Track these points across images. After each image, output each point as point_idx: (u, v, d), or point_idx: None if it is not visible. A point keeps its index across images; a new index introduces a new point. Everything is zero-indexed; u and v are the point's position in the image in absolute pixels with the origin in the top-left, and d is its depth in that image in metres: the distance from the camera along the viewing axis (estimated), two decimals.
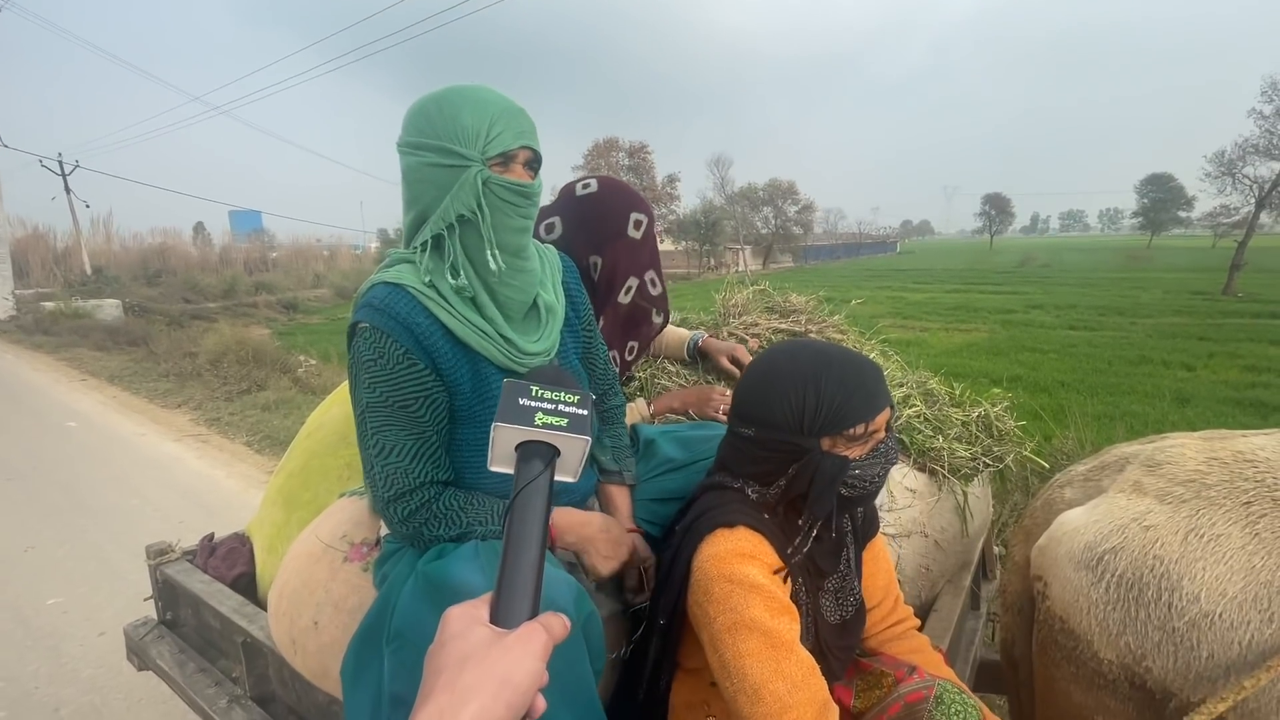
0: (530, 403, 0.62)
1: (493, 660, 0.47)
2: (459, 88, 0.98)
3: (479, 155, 0.93)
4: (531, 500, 0.57)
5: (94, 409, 6.82)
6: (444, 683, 0.46)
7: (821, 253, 52.50)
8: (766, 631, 0.80)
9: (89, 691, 2.47)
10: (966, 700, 0.88)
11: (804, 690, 0.78)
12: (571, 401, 0.63)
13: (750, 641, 0.80)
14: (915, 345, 10.83)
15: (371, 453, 0.96)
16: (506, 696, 0.46)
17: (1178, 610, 0.79)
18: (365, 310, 0.96)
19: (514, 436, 0.61)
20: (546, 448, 0.61)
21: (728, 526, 0.89)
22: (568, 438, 0.61)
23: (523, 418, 0.61)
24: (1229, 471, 0.86)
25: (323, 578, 1.10)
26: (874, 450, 0.90)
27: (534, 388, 0.62)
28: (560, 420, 0.61)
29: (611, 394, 1.25)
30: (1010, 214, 78.65)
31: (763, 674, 0.79)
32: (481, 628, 0.50)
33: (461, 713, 0.44)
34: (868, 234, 78.68)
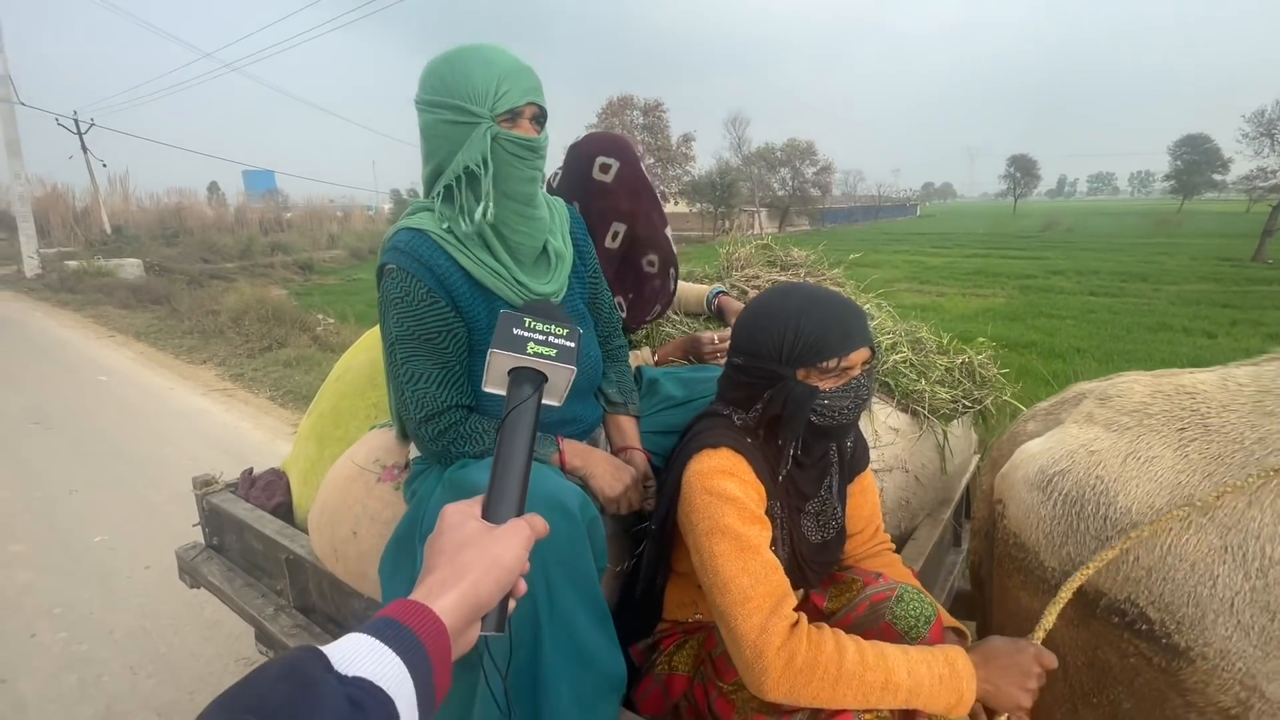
0: (523, 333, 0.69)
1: (485, 545, 0.57)
2: (471, 47, 1.05)
3: (488, 112, 1.01)
4: (520, 419, 0.66)
5: (123, 364, 7.05)
6: (444, 560, 0.55)
7: (839, 215, 51.51)
8: (736, 536, 0.92)
9: (139, 617, 2.68)
10: (924, 599, 1.00)
11: (764, 584, 0.90)
12: (561, 334, 0.70)
13: (723, 544, 0.92)
14: (931, 310, 10.75)
15: (403, 379, 1.08)
16: (496, 574, 0.55)
17: (1112, 522, 0.89)
18: (392, 253, 1.06)
19: (507, 362, 0.68)
20: (535, 374, 0.69)
21: (712, 447, 1.00)
22: (555, 366, 0.69)
23: (515, 346, 0.68)
24: (1170, 403, 0.94)
25: (359, 494, 1.23)
26: (845, 385, 0.99)
27: (527, 319, 0.70)
28: (550, 350, 0.69)
29: (615, 335, 1.35)
30: (1036, 176, 76.25)
31: (731, 570, 0.91)
32: (474, 521, 0.60)
33: (460, 582, 0.53)
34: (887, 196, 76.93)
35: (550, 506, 0.91)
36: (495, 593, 0.55)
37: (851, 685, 0.84)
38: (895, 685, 0.85)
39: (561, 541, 0.92)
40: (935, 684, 0.85)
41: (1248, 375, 0.94)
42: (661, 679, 1.08)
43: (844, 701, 0.85)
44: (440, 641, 0.49)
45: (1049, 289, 14.11)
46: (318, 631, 1.42)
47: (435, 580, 0.54)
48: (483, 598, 0.54)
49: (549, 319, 0.71)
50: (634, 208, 1.48)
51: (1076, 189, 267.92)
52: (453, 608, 0.51)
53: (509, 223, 1.08)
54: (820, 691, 0.85)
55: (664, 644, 1.12)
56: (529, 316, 0.71)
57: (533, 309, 0.73)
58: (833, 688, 0.85)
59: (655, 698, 1.08)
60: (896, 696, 0.85)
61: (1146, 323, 10.41)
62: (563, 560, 0.92)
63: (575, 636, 0.92)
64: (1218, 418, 0.89)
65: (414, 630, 0.48)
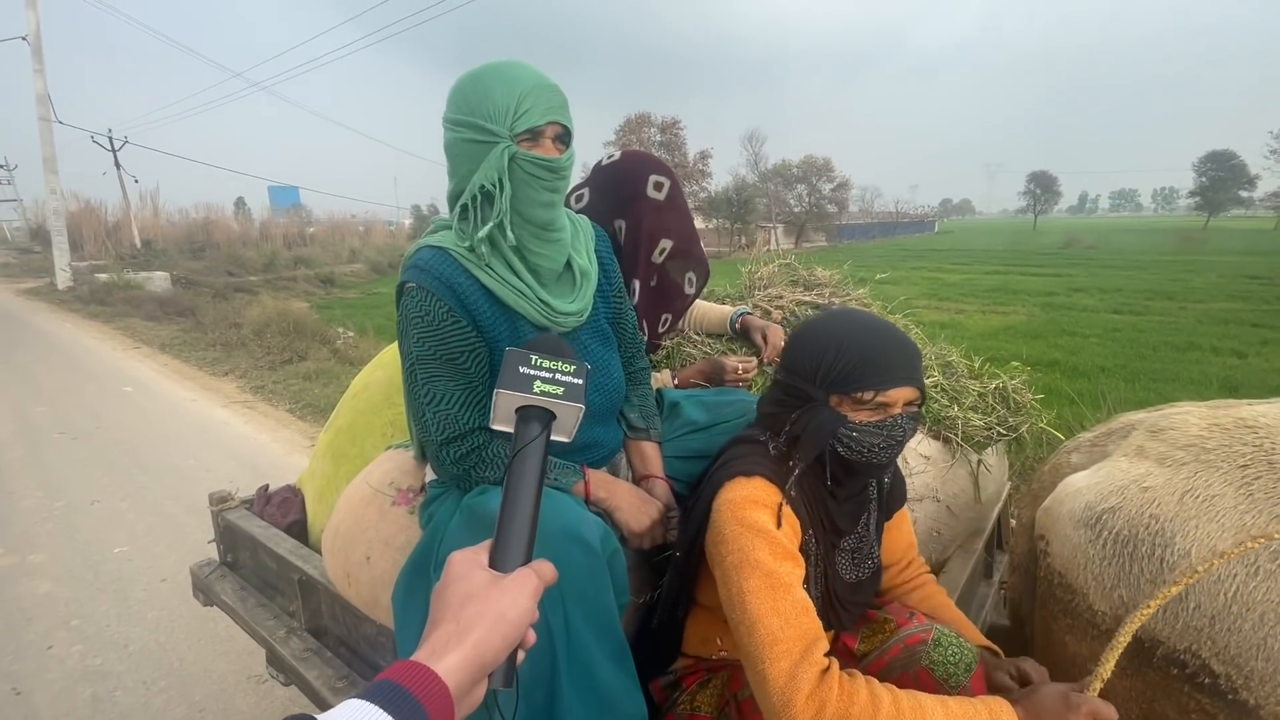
0: (530, 371, 0.67)
1: (491, 599, 0.54)
2: (495, 65, 1.04)
3: (507, 131, 0.99)
4: (528, 460, 0.64)
5: (148, 375, 7.17)
6: (450, 615, 0.53)
7: (856, 232, 51.32)
8: (768, 572, 0.87)
9: (154, 631, 2.68)
10: (963, 643, 0.94)
11: (794, 627, 0.85)
12: (568, 371, 0.68)
13: (753, 579, 0.88)
14: (951, 327, 10.60)
15: (423, 400, 1.05)
16: (502, 630, 0.53)
17: (1169, 565, 0.83)
18: (412, 271, 1.05)
19: (513, 401, 0.67)
20: (544, 412, 0.67)
21: (746, 475, 0.95)
22: (563, 405, 0.67)
23: (522, 385, 0.67)
24: (1229, 437, 0.89)
25: (373, 518, 1.21)
26: (879, 423, 0.94)
27: (534, 357, 0.68)
28: (557, 389, 0.67)
29: (638, 357, 1.32)
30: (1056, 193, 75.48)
31: (760, 609, 0.86)
32: (481, 571, 0.57)
33: (465, 640, 0.51)
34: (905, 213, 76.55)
35: (569, 539, 0.88)
36: (502, 649, 0.53)
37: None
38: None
39: (580, 576, 0.88)
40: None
41: None
42: (683, 719, 1.03)
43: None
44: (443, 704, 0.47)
45: (1071, 306, 13.88)
46: (329, 656, 1.39)
47: (439, 638, 0.52)
48: (488, 656, 0.52)
49: (556, 355, 0.70)
50: (681, 225, 1.51)
51: (1098, 205, 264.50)
52: (457, 668, 0.49)
53: (527, 244, 1.06)
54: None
55: (686, 682, 1.07)
56: (535, 354, 0.69)
57: (539, 345, 0.71)
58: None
59: None
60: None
61: (1174, 341, 10.17)
62: (582, 597, 0.88)
63: (593, 676, 0.88)
64: None
65: (415, 694, 0.45)
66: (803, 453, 0.96)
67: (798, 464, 0.96)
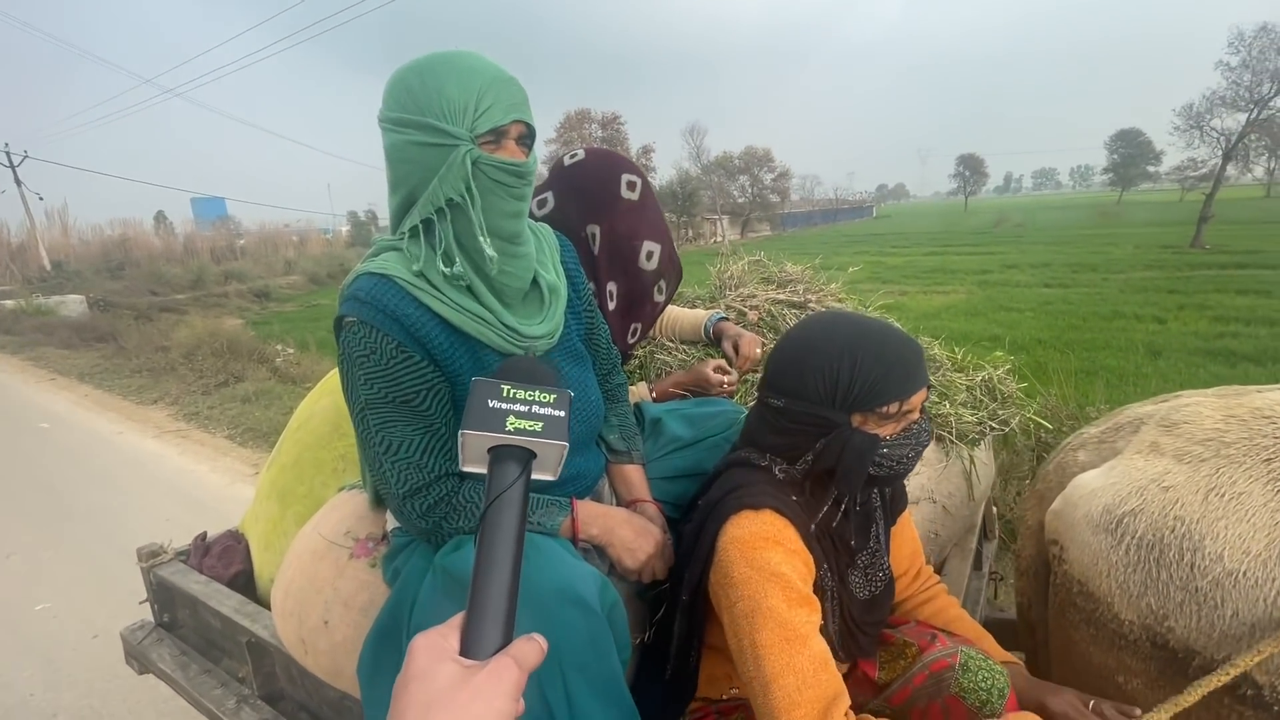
0: (501, 404, 0.56)
1: (460, 705, 0.44)
2: (443, 55, 0.90)
3: (467, 133, 0.86)
4: (504, 513, 0.52)
5: (66, 409, 6.64)
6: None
7: (799, 220, 52.44)
8: (783, 623, 0.80)
9: (86, 695, 2.43)
10: (992, 665, 0.89)
11: (813, 688, 0.78)
12: (547, 401, 0.57)
13: (766, 632, 0.80)
14: (895, 309, 10.87)
15: (379, 450, 0.92)
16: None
17: (1200, 570, 0.80)
18: (351, 304, 0.91)
19: (484, 443, 0.55)
20: (522, 450, 0.56)
21: (753, 509, 0.87)
22: (545, 444, 0.56)
23: (492, 423, 0.55)
24: (1248, 429, 0.86)
25: (329, 575, 1.07)
26: (906, 430, 0.88)
27: (505, 387, 0.57)
28: (535, 424, 0.56)
29: (615, 372, 1.22)
30: (984, 174, 79.06)
31: (775, 667, 0.78)
32: (448, 664, 0.47)
33: None
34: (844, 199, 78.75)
35: (566, 602, 0.78)
36: None
37: None
38: None
39: (581, 643, 0.78)
40: None
41: None
42: None
43: None
44: None
45: (1006, 283, 14.52)
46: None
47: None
48: None
49: (532, 382, 0.58)
50: (659, 226, 1.41)
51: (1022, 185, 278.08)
52: None
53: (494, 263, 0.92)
54: None
55: None
56: (507, 383, 0.57)
57: (511, 371, 0.60)
58: None
59: None
60: None
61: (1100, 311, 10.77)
62: (582, 665, 0.78)
63: None
64: None
65: None
66: (846, 484, 0.88)
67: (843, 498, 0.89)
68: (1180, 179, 32.58)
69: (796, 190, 63.42)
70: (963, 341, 6.72)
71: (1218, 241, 18.76)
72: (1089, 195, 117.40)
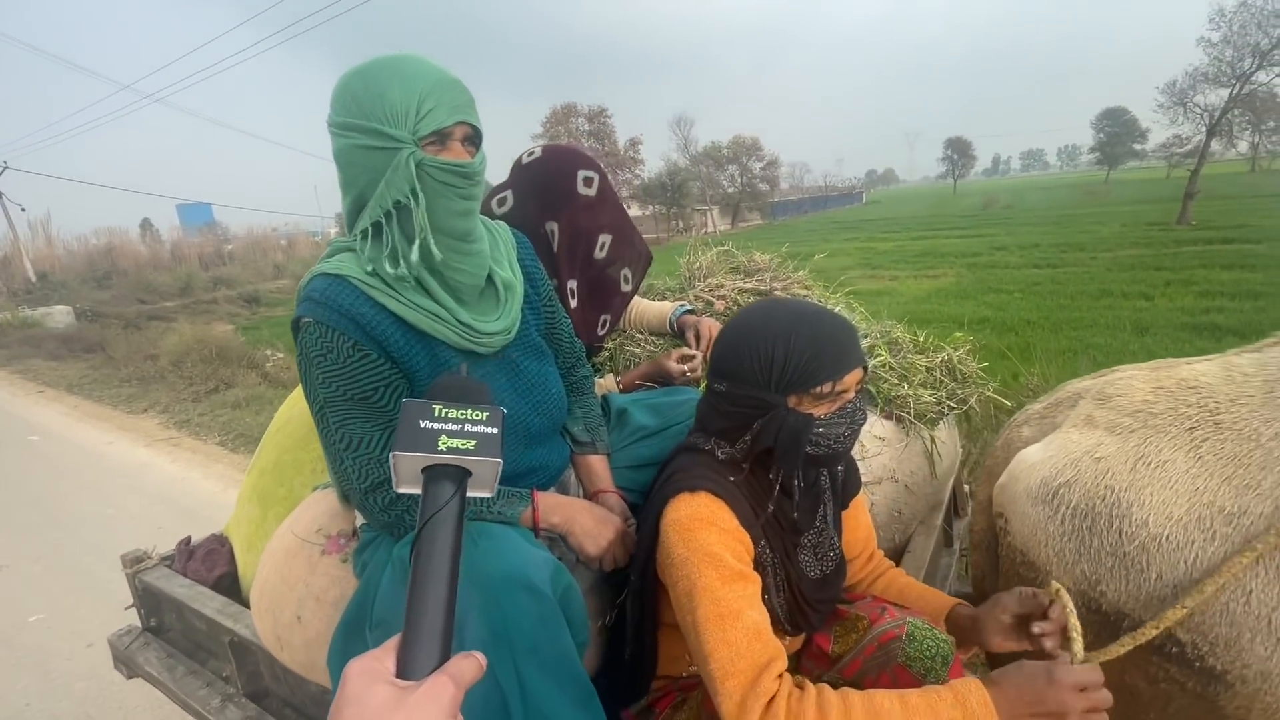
0: (433, 424, 0.57)
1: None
2: (386, 59, 0.92)
3: (410, 135, 0.88)
4: (437, 533, 0.53)
5: (56, 420, 6.61)
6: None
7: (789, 208, 52.38)
8: (716, 600, 0.83)
9: (82, 703, 2.45)
10: (937, 634, 0.92)
11: (744, 657, 0.81)
12: (479, 419, 0.58)
13: (702, 609, 0.84)
14: (885, 294, 10.96)
15: (339, 447, 0.94)
16: None
17: (1128, 536, 0.83)
18: (306, 305, 0.93)
19: (416, 463, 0.56)
20: (456, 469, 0.57)
21: (690, 491, 0.90)
22: (479, 461, 0.57)
23: (424, 443, 0.56)
24: (1174, 399, 0.89)
25: (301, 572, 1.09)
26: (840, 410, 0.91)
27: (436, 407, 0.58)
28: (467, 443, 0.57)
29: (579, 366, 1.25)
30: (972, 157, 79.20)
31: (711, 642, 0.82)
32: (383, 686, 0.47)
33: None
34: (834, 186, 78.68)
35: (516, 586, 0.81)
36: None
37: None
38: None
39: (531, 626, 0.81)
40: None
41: (1252, 364, 0.89)
42: None
43: None
44: None
45: (995, 265, 14.57)
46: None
47: None
48: None
49: (464, 401, 0.59)
50: (617, 219, 1.43)
51: (1010, 166, 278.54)
52: None
53: (445, 260, 0.95)
54: None
55: (659, 706, 1.01)
56: (438, 403, 0.58)
57: (442, 390, 0.61)
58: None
59: None
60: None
61: (1088, 290, 10.84)
62: (535, 648, 0.81)
63: None
64: (1228, 413, 0.84)
65: None
66: (785, 462, 0.91)
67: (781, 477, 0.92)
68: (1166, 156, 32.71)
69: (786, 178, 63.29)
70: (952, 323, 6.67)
71: (1204, 217, 18.85)
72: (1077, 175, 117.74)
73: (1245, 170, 48.45)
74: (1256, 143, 33.87)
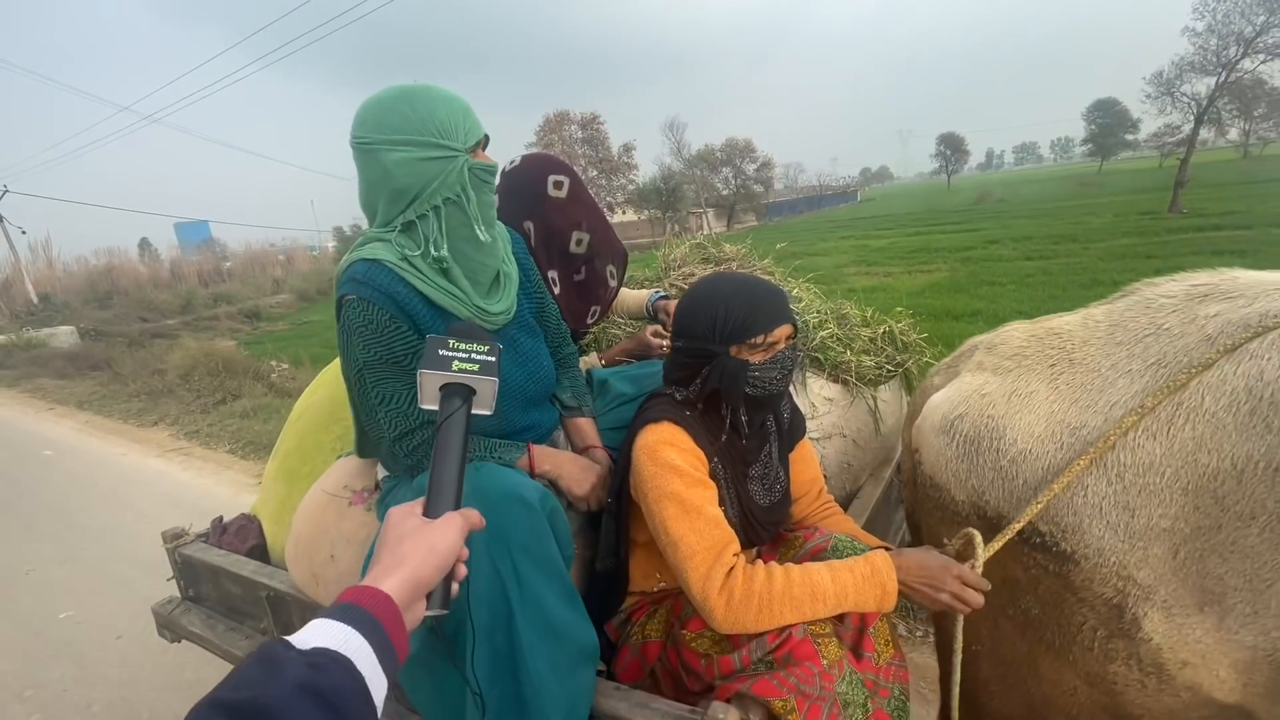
0: (448, 353, 0.79)
1: (423, 535, 0.65)
2: (420, 87, 1.10)
3: (463, 146, 1.09)
4: (452, 428, 0.76)
5: (69, 435, 6.76)
6: (387, 552, 0.65)
7: (784, 208, 52.60)
8: (682, 500, 1.04)
9: (117, 687, 2.60)
10: (855, 544, 1.12)
11: (706, 539, 1.02)
12: (482, 351, 0.80)
13: (670, 507, 1.04)
14: (881, 290, 11.10)
15: (374, 402, 1.14)
16: (434, 560, 0.64)
17: (1003, 453, 1.02)
18: (349, 284, 1.11)
19: (436, 380, 0.78)
20: (464, 388, 0.78)
21: (655, 422, 1.11)
22: (479, 379, 0.79)
23: (441, 365, 0.78)
24: (1042, 344, 1.08)
25: (332, 519, 1.28)
26: (773, 358, 1.11)
27: (451, 341, 0.80)
28: (472, 366, 0.79)
29: (565, 344, 1.44)
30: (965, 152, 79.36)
31: (678, 530, 1.03)
32: (414, 518, 0.68)
33: (402, 567, 0.62)
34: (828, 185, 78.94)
35: (510, 500, 1.00)
36: (434, 575, 0.64)
37: (784, 604, 0.97)
38: (822, 593, 0.98)
39: (523, 530, 1.00)
40: (860, 583, 0.98)
41: (1103, 313, 1.08)
42: (637, 648, 1.17)
43: (782, 619, 0.97)
44: (389, 611, 0.58)
45: (988, 258, 14.65)
46: None
47: (380, 569, 0.63)
48: (423, 579, 0.63)
49: (470, 339, 0.80)
50: (588, 218, 1.61)
51: (1004, 160, 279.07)
52: (396, 588, 0.60)
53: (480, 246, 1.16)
54: (760, 616, 0.97)
55: (635, 616, 1.21)
56: (453, 338, 0.80)
57: (455, 331, 0.82)
58: (769, 610, 0.97)
59: (633, 666, 1.17)
60: (826, 603, 0.98)
61: (1080, 280, 10.94)
62: (525, 547, 1.00)
63: (545, 614, 1.00)
64: (1080, 352, 1.03)
65: (364, 607, 0.57)
66: (728, 399, 1.12)
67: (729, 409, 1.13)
68: (1159, 145, 32.84)
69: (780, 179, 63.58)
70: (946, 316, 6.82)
71: (1195, 205, 18.96)
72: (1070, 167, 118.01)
73: (1236, 157, 48.64)
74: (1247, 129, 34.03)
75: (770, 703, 0.93)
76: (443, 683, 0.99)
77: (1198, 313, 0.95)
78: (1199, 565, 0.87)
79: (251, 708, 0.45)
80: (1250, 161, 43.62)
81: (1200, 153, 22.69)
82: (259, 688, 0.46)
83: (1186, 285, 1.02)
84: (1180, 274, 1.07)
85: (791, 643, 0.98)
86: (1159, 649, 0.92)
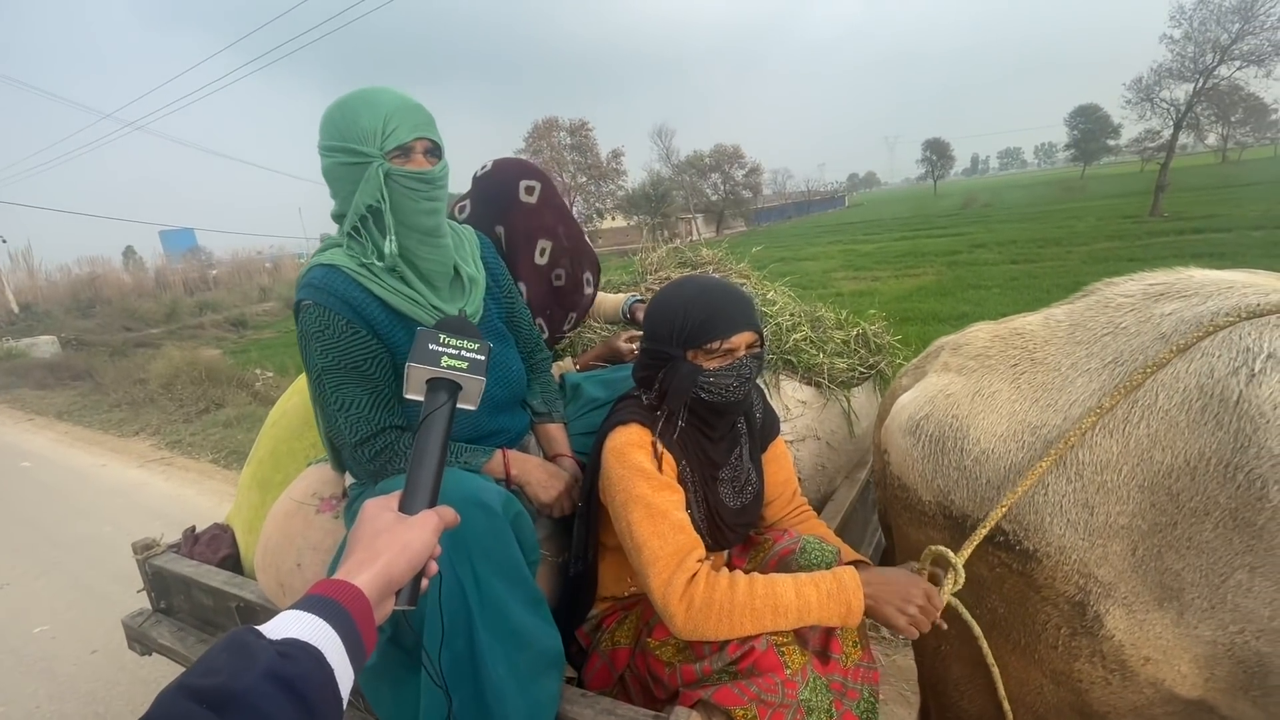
0: (438, 348, 0.77)
1: (398, 532, 0.65)
2: (359, 92, 1.12)
3: (378, 151, 1.08)
4: (435, 423, 0.74)
5: (47, 446, 6.66)
6: (361, 547, 0.64)
7: (772, 214, 52.88)
8: (647, 504, 1.03)
9: (91, 703, 2.56)
10: (825, 546, 1.12)
11: (670, 545, 1.01)
12: (472, 349, 0.79)
13: (636, 511, 1.03)
14: (868, 294, 11.18)
15: (334, 407, 1.13)
16: (407, 556, 0.64)
17: (966, 452, 1.02)
18: (307, 290, 1.11)
19: (424, 374, 0.77)
20: (451, 383, 0.77)
21: (623, 424, 1.11)
22: (467, 378, 0.77)
23: (430, 360, 0.76)
24: (1005, 344, 1.09)
25: (299, 528, 1.26)
26: (729, 366, 1.09)
27: (442, 335, 0.78)
28: (462, 364, 0.77)
29: (537, 350, 1.43)
30: (951, 158, 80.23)
31: (643, 534, 1.02)
32: (389, 513, 0.68)
33: (375, 563, 0.62)
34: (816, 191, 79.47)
35: (472, 504, 0.99)
36: (406, 571, 0.64)
37: (745, 615, 0.96)
38: (785, 607, 0.97)
39: (484, 535, 0.99)
40: (824, 599, 0.97)
41: (1064, 313, 1.09)
42: (606, 655, 1.16)
43: (742, 629, 0.96)
44: (360, 604, 0.58)
45: (974, 262, 14.80)
46: None
47: (353, 563, 0.62)
48: (395, 576, 0.62)
49: (461, 335, 0.79)
50: (557, 224, 1.60)
51: (989, 166, 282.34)
52: (368, 583, 0.60)
53: (416, 252, 1.14)
54: (720, 625, 0.96)
55: (606, 623, 1.20)
56: (444, 333, 0.78)
57: (447, 325, 0.80)
58: (729, 619, 0.96)
59: (603, 673, 1.16)
60: (788, 617, 0.97)
61: (1064, 284, 11.05)
62: (487, 552, 0.99)
63: (507, 620, 0.99)
64: (1041, 352, 1.04)
65: (335, 599, 0.56)
66: (672, 402, 1.10)
67: (668, 413, 1.12)
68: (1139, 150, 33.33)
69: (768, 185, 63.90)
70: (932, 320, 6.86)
71: (1176, 209, 19.24)
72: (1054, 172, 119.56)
73: (1215, 162, 49.48)
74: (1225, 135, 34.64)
75: (732, 711, 0.93)
76: (402, 693, 0.97)
77: (1153, 311, 0.96)
78: (1157, 561, 0.88)
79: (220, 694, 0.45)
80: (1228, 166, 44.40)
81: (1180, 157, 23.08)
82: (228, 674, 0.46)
83: (1144, 285, 1.03)
84: (1139, 273, 1.08)
85: (755, 655, 0.97)
86: (1121, 645, 0.93)
